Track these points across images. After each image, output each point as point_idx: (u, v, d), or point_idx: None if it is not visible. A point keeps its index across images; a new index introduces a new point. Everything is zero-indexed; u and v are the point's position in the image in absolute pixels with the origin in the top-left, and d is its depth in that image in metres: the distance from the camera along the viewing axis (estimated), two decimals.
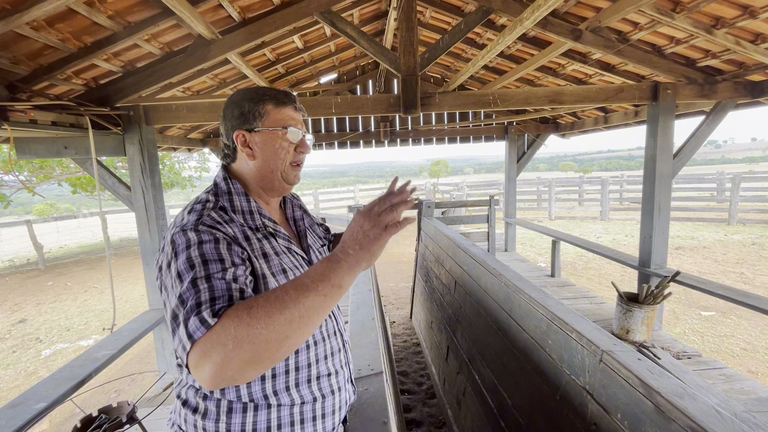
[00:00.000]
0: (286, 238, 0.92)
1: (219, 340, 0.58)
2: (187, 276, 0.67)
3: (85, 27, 2.19)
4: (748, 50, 2.59)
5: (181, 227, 0.75)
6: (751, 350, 4.22)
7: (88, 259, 10.81)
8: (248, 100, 0.88)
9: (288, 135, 0.89)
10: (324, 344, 0.93)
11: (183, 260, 0.69)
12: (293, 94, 0.93)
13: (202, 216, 0.77)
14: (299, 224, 1.03)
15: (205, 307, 0.62)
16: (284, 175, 0.91)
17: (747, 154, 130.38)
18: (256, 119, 0.88)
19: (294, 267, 0.88)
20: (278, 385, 0.85)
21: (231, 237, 0.76)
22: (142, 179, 2.71)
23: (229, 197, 0.87)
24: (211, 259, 0.69)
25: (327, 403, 0.92)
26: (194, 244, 0.71)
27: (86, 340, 5.53)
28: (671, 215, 12.50)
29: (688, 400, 1.09)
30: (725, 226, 10.73)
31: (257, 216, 0.88)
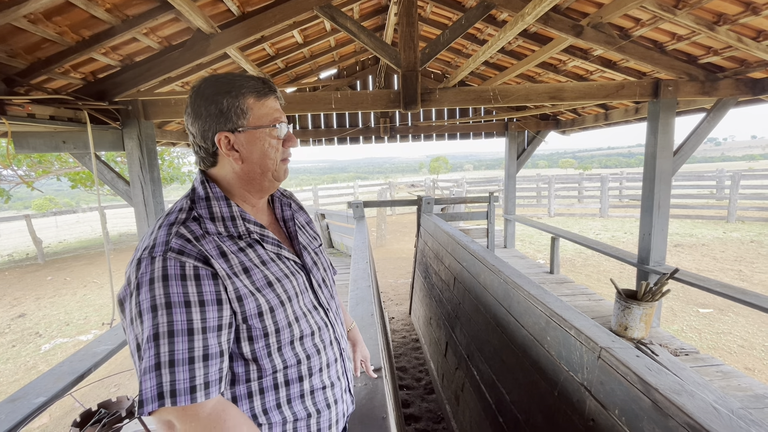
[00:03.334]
0: (275, 242, 0.84)
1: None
2: (150, 349, 0.64)
3: (83, 20, 2.17)
4: (750, 47, 2.58)
5: (150, 249, 0.69)
6: (749, 347, 4.24)
7: (87, 254, 10.81)
8: (225, 94, 0.77)
9: (277, 131, 0.82)
10: (319, 356, 0.87)
11: (146, 307, 0.65)
12: (271, 82, 0.84)
13: (171, 235, 0.71)
14: (289, 225, 0.95)
15: (169, 397, 0.62)
16: (275, 174, 0.84)
17: (747, 152, 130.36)
18: (239, 117, 0.78)
19: (284, 276, 0.82)
20: (268, 402, 0.79)
21: (201, 259, 0.70)
22: (141, 174, 2.70)
23: (207, 203, 0.79)
24: (179, 329, 0.65)
25: (323, 418, 0.87)
26: (158, 278, 0.66)
27: (85, 335, 5.54)
28: (670, 212, 12.53)
29: (686, 397, 1.09)
30: (724, 224, 10.75)
31: (240, 222, 0.80)
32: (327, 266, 1.00)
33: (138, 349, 0.66)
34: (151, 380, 0.62)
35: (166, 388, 0.62)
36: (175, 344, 0.64)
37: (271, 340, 0.78)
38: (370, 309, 1.82)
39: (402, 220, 14.17)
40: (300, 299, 0.84)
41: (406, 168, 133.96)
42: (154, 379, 0.62)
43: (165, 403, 0.62)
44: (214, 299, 0.70)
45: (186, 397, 0.63)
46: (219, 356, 0.69)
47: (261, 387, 0.78)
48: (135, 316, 0.66)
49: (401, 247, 9.81)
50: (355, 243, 3.50)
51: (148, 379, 0.62)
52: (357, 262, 2.76)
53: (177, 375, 0.63)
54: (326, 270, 0.98)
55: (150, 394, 0.62)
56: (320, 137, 5.93)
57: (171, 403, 0.62)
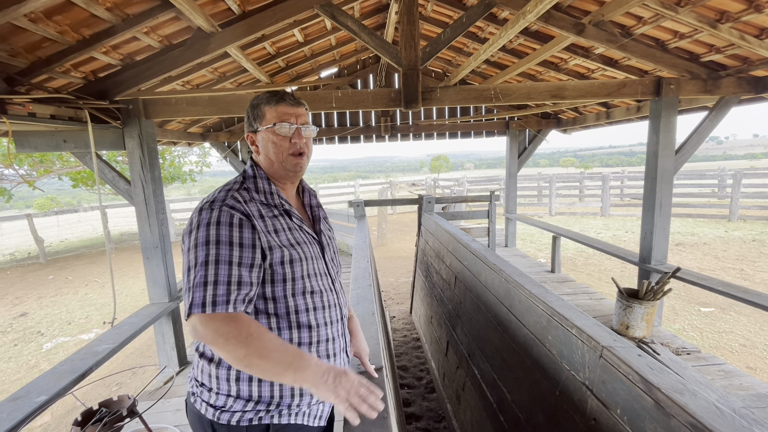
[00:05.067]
0: (298, 218, 1.09)
1: (212, 329, 0.86)
2: (201, 270, 0.88)
3: (84, 19, 2.17)
4: (753, 45, 2.57)
5: (211, 203, 0.95)
6: (750, 346, 4.23)
7: (88, 253, 10.83)
8: (252, 106, 1.08)
9: (277, 130, 1.04)
10: (323, 312, 1.07)
11: (202, 241, 0.90)
12: (286, 91, 1.09)
13: (227, 196, 0.97)
14: (314, 211, 1.19)
15: (210, 306, 0.86)
16: (285, 164, 1.06)
17: (749, 151, 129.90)
18: (257, 121, 1.07)
19: (303, 241, 1.05)
20: (283, 337, 1.00)
21: (246, 215, 0.95)
22: (141, 173, 2.70)
23: (254, 180, 1.06)
24: (223, 260, 0.89)
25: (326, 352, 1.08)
26: (213, 223, 0.91)
27: (87, 334, 5.55)
28: (672, 211, 12.50)
29: (688, 397, 1.09)
30: (726, 223, 10.72)
31: (276, 196, 1.05)
32: (336, 252, 1.23)
33: (188, 271, 0.90)
34: (198, 292, 0.86)
35: (208, 300, 0.86)
36: (219, 269, 0.88)
37: (287, 285, 1.00)
38: (371, 308, 1.82)
39: (403, 219, 14.16)
40: (314, 262, 1.06)
41: (407, 167, 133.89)
42: (201, 291, 0.86)
43: (206, 310, 0.85)
44: (251, 244, 0.93)
45: (221, 307, 0.86)
46: (249, 285, 0.92)
47: (279, 326, 1.00)
48: (192, 246, 0.91)
49: (402, 246, 9.80)
50: (356, 242, 3.50)
51: (198, 291, 0.87)
52: (358, 260, 2.75)
53: (218, 290, 0.87)
54: (335, 253, 1.21)
55: (197, 301, 0.86)
56: (321, 136, 5.93)
57: (211, 310, 0.85)
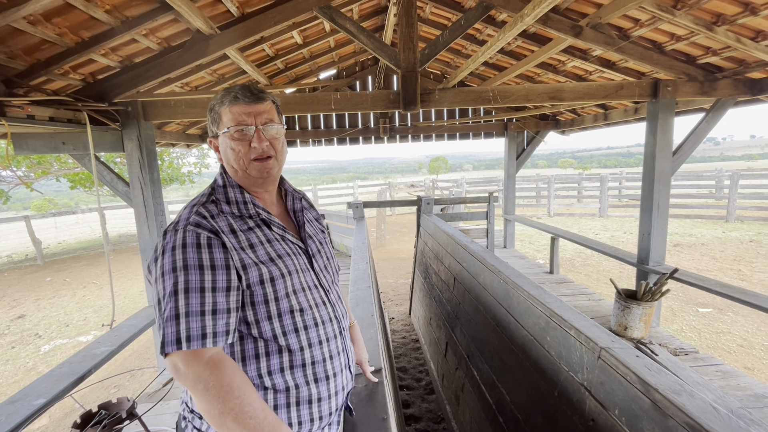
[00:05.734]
0: (280, 227, 0.96)
1: (194, 373, 0.75)
2: (171, 302, 0.77)
3: (83, 21, 2.17)
4: (749, 47, 2.59)
5: (175, 224, 0.85)
6: (748, 347, 4.24)
7: (86, 255, 10.80)
8: (209, 108, 0.96)
9: (232, 134, 0.91)
10: (317, 329, 0.95)
11: (168, 269, 0.79)
12: (243, 87, 0.94)
13: (191, 213, 0.86)
14: (298, 216, 1.06)
15: (185, 342, 0.75)
16: (249, 171, 0.93)
17: (746, 152, 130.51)
18: (214, 125, 0.95)
19: (286, 254, 0.93)
20: (272, 365, 0.90)
21: (213, 232, 0.84)
22: (140, 175, 2.70)
23: (224, 190, 0.94)
24: (193, 287, 0.78)
25: (322, 388, 0.95)
26: (179, 246, 0.81)
27: (85, 336, 5.54)
28: (670, 212, 12.52)
29: (686, 397, 1.10)
30: (723, 224, 10.76)
31: (251, 206, 0.93)
32: (330, 256, 1.10)
33: (159, 303, 0.79)
34: (171, 327, 0.76)
35: (182, 335, 0.75)
36: (189, 299, 0.77)
37: (271, 306, 0.89)
38: (370, 309, 1.83)
39: (401, 220, 14.17)
40: (300, 276, 0.94)
41: (405, 168, 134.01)
42: (173, 326, 0.76)
43: (181, 347, 0.75)
44: (223, 265, 0.83)
45: (197, 342, 0.76)
46: (226, 312, 0.81)
47: (267, 350, 0.89)
48: (158, 276, 0.81)
49: (401, 248, 9.81)
50: (355, 243, 3.50)
51: (169, 326, 0.76)
52: (357, 262, 2.76)
53: (191, 324, 0.76)
54: (329, 259, 1.09)
55: (170, 338, 0.75)
56: (320, 138, 5.93)
57: (186, 347, 0.75)
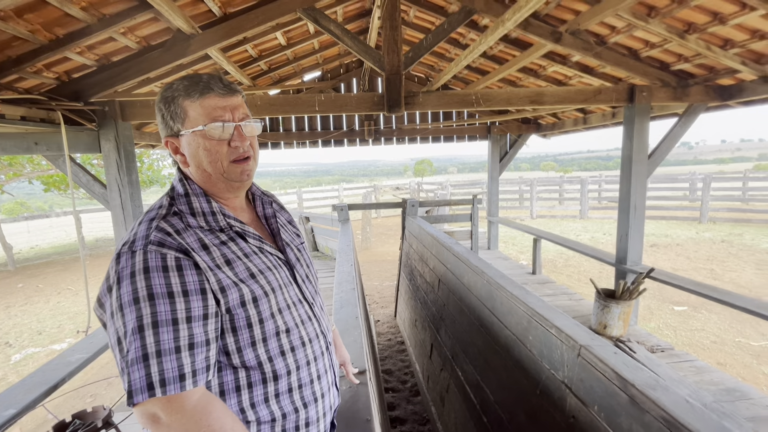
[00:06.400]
0: (256, 237, 0.85)
1: (178, 424, 0.65)
2: (136, 340, 0.64)
3: (57, 18, 2.10)
4: (718, 55, 2.70)
5: (129, 244, 0.70)
6: (720, 343, 4.40)
7: (61, 260, 10.43)
8: (163, 100, 0.79)
9: (209, 132, 0.77)
10: (304, 349, 0.86)
11: (128, 300, 0.66)
12: (212, 75, 0.81)
13: (151, 229, 0.72)
14: (271, 222, 0.95)
15: (159, 387, 0.63)
16: (227, 175, 0.81)
17: (717, 156, 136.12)
18: (176, 121, 0.78)
19: (267, 268, 0.82)
20: (256, 396, 0.79)
21: (182, 251, 0.71)
22: (118, 177, 2.63)
23: (186, 199, 0.80)
24: (163, 320, 0.65)
25: (311, 412, 0.86)
26: (139, 272, 0.67)
27: (59, 344, 5.34)
28: (647, 214, 12.88)
29: (661, 392, 1.13)
30: (697, 225, 11.16)
31: (220, 217, 0.80)
32: (309, 262, 1.01)
33: (119, 343, 0.66)
34: (139, 371, 0.63)
35: (155, 378, 0.63)
36: (160, 334, 0.65)
37: (255, 330, 0.78)
38: (354, 312, 1.82)
39: (387, 222, 14.19)
40: (284, 292, 0.84)
41: (391, 171, 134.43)
42: (142, 369, 0.63)
43: (155, 393, 0.62)
44: (198, 288, 0.71)
45: (176, 385, 0.64)
46: (206, 345, 0.70)
47: (249, 381, 0.78)
48: (116, 309, 0.67)
49: (386, 250, 9.81)
50: (340, 246, 3.49)
51: (136, 370, 0.63)
52: (341, 265, 2.75)
53: (165, 365, 0.64)
54: (309, 266, 0.99)
55: (139, 384, 0.62)
56: (304, 139, 5.89)
57: (161, 393, 0.63)
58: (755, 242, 8.76)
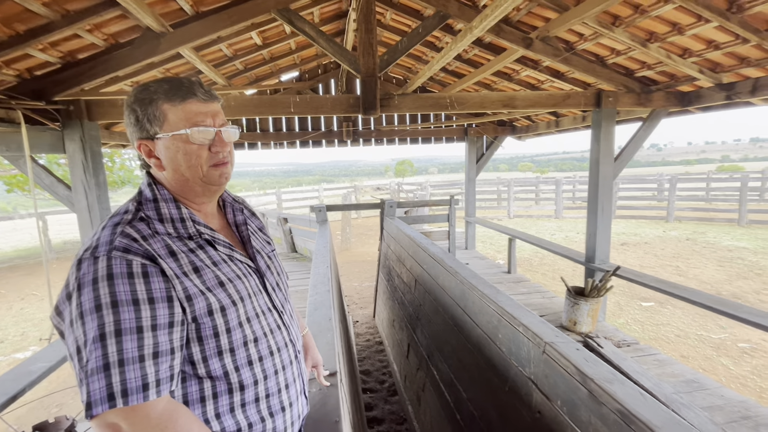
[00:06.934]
0: (226, 245, 0.84)
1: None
2: (97, 349, 0.62)
3: (17, 13, 2.02)
4: (678, 63, 2.84)
5: (92, 250, 0.68)
6: (684, 336, 4.62)
7: (25, 265, 9.95)
8: (139, 102, 0.77)
9: (192, 137, 0.77)
10: (273, 358, 0.85)
11: (90, 307, 0.63)
12: (192, 80, 0.81)
13: (116, 234, 0.70)
14: (242, 229, 0.94)
15: (121, 397, 0.62)
16: (205, 179, 0.81)
17: (684, 157, 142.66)
18: (154, 124, 0.77)
19: (236, 276, 0.82)
20: (221, 407, 0.78)
21: (149, 257, 0.70)
22: (84, 178, 2.54)
23: (155, 204, 0.78)
24: (127, 327, 0.64)
25: (278, 422, 0.86)
26: (102, 278, 0.65)
27: (23, 353, 5.10)
28: (618, 213, 13.28)
29: (617, 385, 1.19)
30: (664, 223, 11.66)
31: (190, 223, 0.80)
32: (281, 271, 1.00)
33: (78, 352, 0.64)
34: (99, 381, 0.61)
35: (116, 388, 0.61)
36: (123, 343, 0.63)
37: (222, 340, 0.77)
38: (328, 314, 1.83)
39: (367, 223, 14.19)
40: (253, 300, 0.84)
41: (372, 171, 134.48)
42: (102, 380, 0.61)
43: (116, 404, 0.61)
44: (164, 296, 0.70)
45: (138, 396, 0.62)
46: (170, 353, 0.69)
47: (214, 391, 0.77)
48: (75, 317, 0.64)
49: (366, 251, 9.82)
50: (316, 247, 3.48)
51: (96, 381, 0.61)
52: (317, 266, 2.74)
53: (128, 374, 0.62)
54: (280, 274, 0.99)
55: (99, 395, 0.61)
56: (282, 140, 5.84)
57: (123, 403, 0.61)
58: (717, 240, 9.23)
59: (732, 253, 8.00)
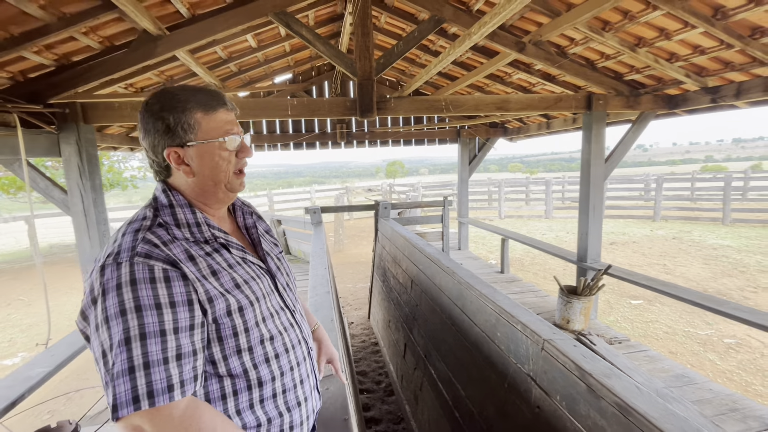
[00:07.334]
0: (239, 248, 0.87)
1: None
2: (122, 353, 0.64)
3: (12, 16, 2.00)
4: (665, 67, 2.93)
5: (114, 256, 0.70)
6: (672, 333, 4.74)
7: (10, 269, 9.73)
8: (171, 110, 0.79)
9: (227, 144, 0.83)
10: (288, 355, 0.89)
11: (115, 312, 0.66)
12: (221, 93, 0.86)
13: (137, 241, 0.72)
14: (252, 232, 0.98)
15: (146, 399, 0.63)
16: (229, 185, 0.86)
17: (669, 158, 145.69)
18: (187, 132, 0.79)
19: (251, 278, 0.85)
20: (241, 403, 0.81)
21: (170, 262, 0.72)
22: (80, 182, 2.52)
23: (171, 210, 0.81)
24: (151, 331, 0.66)
25: (294, 416, 0.89)
26: (126, 283, 0.67)
27: (11, 359, 5.00)
28: (606, 213, 13.50)
29: (615, 380, 1.24)
30: (651, 223, 11.90)
31: (205, 228, 0.82)
32: (289, 271, 1.05)
33: (104, 356, 0.66)
34: (125, 384, 0.63)
35: (142, 391, 0.63)
36: (148, 346, 0.65)
37: (240, 339, 0.80)
38: (330, 315, 1.85)
39: (360, 224, 14.20)
40: (267, 300, 0.87)
41: (362, 172, 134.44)
42: (128, 382, 0.63)
43: (141, 406, 0.62)
44: (185, 300, 0.72)
45: (164, 397, 0.64)
46: (193, 355, 0.71)
47: (234, 389, 0.80)
48: (101, 322, 0.67)
49: (359, 252, 9.83)
50: (313, 249, 3.49)
51: (122, 383, 0.63)
52: (315, 268, 2.76)
53: (153, 376, 0.64)
54: (288, 275, 1.03)
55: (125, 397, 0.62)
56: (275, 142, 5.83)
57: (149, 405, 0.63)
58: (702, 238, 9.46)
59: (717, 251, 8.21)
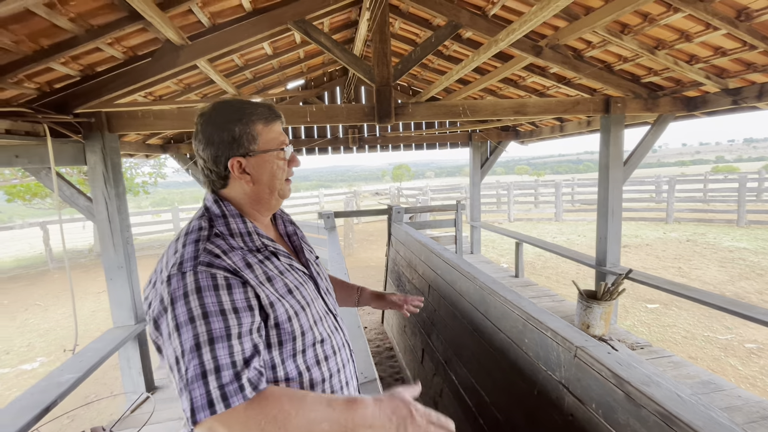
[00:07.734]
0: (286, 255, 0.91)
1: (241, 427, 0.66)
2: (194, 358, 0.67)
3: (43, 29, 2.05)
4: (684, 69, 2.90)
5: (178, 266, 0.73)
6: (691, 338, 4.66)
7: (26, 275, 9.89)
8: (236, 121, 0.84)
9: (286, 154, 0.90)
10: (335, 358, 0.92)
11: (184, 320, 0.69)
12: (275, 107, 0.93)
13: (199, 251, 0.75)
14: (293, 239, 1.02)
15: (221, 402, 0.65)
16: (281, 192, 0.91)
17: (679, 158, 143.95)
18: (250, 142, 0.85)
19: (300, 284, 0.88)
20: None
21: (231, 271, 0.75)
22: (105, 189, 2.56)
23: (224, 221, 0.84)
24: (218, 336, 0.69)
25: None
26: (192, 292, 0.70)
27: (30, 364, 5.07)
28: None
29: (654, 388, 1.22)
30: (663, 225, 11.75)
31: (256, 237, 0.86)
32: (326, 277, 1.07)
33: (177, 363, 0.68)
34: (199, 388, 0.65)
35: (215, 394, 0.65)
36: (216, 350, 0.68)
37: (297, 343, 0.83)
38: (356, 320, 1.85)
39: (369, 228, 14.21)
40: (315, 305, 0.90)
41: (369, 176, 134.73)
42: (202, 387, 0.65)
43: (217, 410, 0.64)
44: (246, 305, 0.75)
45: (237, 397, 0.66)
46: (257, 356, 0.73)
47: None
48: (172, 330, 0.70)
49: (369, 256, 9.83)
50: (330, 254, 3.50)
51: (197, 388, 0.65)
52: (335, 273, 2.77)
53: (224, 379, 0.66)
54: (326, 280, 1.05)
55: (201, 402, 0.64)
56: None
57: (225, 407, 0.65)
58: (717, 241, 9.32)
59: (733, 253, 8.08)
